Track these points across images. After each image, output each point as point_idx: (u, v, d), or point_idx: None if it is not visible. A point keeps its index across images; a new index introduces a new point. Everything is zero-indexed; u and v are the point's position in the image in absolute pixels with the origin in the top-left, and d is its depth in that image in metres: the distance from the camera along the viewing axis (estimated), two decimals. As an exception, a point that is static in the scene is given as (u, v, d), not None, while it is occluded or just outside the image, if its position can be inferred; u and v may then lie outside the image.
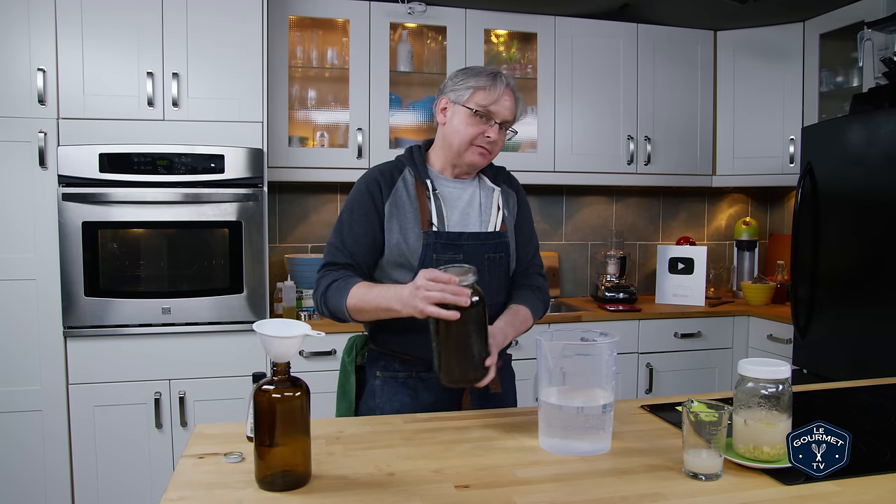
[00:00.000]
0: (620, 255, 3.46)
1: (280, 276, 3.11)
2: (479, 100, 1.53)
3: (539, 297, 1.66)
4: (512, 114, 1.57)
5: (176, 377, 2.57)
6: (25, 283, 2.47)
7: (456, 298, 1.23)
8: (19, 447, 2.48)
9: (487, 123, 1.54)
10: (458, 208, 1.59)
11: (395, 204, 1.55)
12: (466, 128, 1.54)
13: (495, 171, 1.70)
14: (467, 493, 1.03)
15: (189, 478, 1.08)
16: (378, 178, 1.57)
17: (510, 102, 1.55)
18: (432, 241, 1.52)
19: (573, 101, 3.27)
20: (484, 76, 1.55)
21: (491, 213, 1.62)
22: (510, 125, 1.59)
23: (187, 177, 2.56)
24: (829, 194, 2.69)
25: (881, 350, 2.44)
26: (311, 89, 3.14)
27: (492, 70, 1.57)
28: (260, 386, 1.05)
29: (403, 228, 1.54)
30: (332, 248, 1.56)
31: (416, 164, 1.60)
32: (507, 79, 1.57)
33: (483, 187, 1.65)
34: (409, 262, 1.53)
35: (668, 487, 1.04)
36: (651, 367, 3.12)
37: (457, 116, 1.55)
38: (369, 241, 1.54)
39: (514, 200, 1.69)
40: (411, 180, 1.58)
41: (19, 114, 2.44)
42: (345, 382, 1.65)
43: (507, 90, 1.55)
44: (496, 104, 1.53)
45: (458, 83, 1.56)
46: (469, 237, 1.56)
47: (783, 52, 3.31)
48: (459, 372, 1.31)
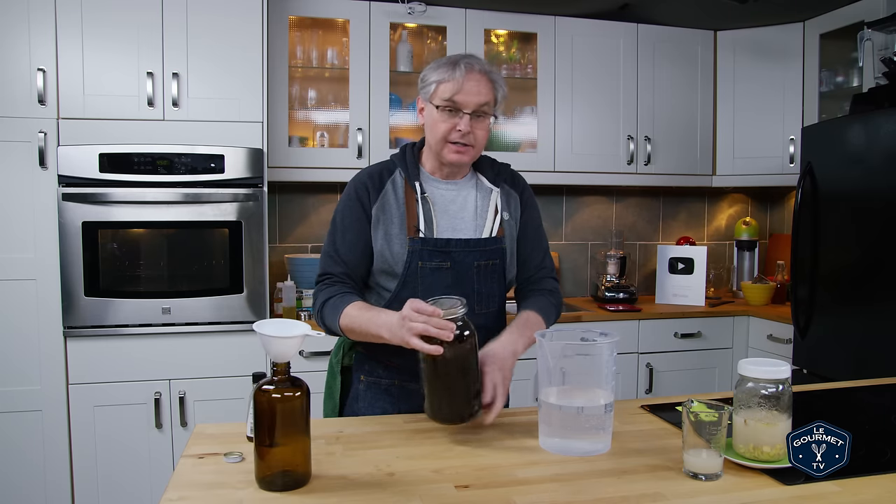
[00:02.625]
0: (620, 255, 3.46)
1: (280, 276, 3.11)
2: (442, 93, 1.44)
3: (551, 301, 1.57)
4: (485, 97, 1.45)
5: (176, 377, 2.57)
6: (25, 283, 2.47)
7: (439, 332, 1.17)
8: (19, 447, 2.48)
9: (457, 116, 1.44)
10: (450, 212, 1.52)
11: (381, 209, 1.50)
12: (437, 125, 1.46)
13: (496, 170, 1.59)
14: (467, 493, 1.03)
15: (189, 478, 1.08)
16: (367, 181, 1.52)
17: (478, 86, 1.44)
18: (418, 247, 1.46)
19: (573, 101, 3.27)
20: (443, 67, 1.45)
21: (487, 216, 1.53)
22: (488, 112, 1.47)
23: (187, 177, 2.56)
24: (829, 194, 2.69)
25: (881, 350, 2.44)
26: (311, 89, 3.13)
27: (454, 58, 1.47)
28: (260, 386, 1.05)
29: (388, 234, 1.48)
30: (326, 258, 1.53)
31: (407, 164, 1.53)
32: (471, 62, 1.45)
33: (480, 188, 1.56)
34: (394, 270, 1.48)
35: (668, 487, 1.04)
36: (651, 367, 3.12)
37: (429, 115, 1.48)
38: (362, 246, 1.50)
39: (516, 202, 1.59)
40: (401, 182, 1.52)
41: (19, 114, 2.44)
42: (331, 383, 1.62)
43: (470, 74, 1.44)
44: (460, 93, 1.43)
45: (424, 79, 1.49)
46: (458, 244, 1.48)
47: (783, 52, 3.31)
48: (447, 408, 1.25)
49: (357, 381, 1.58)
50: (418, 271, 1.46)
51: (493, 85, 1.47)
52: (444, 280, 1.46)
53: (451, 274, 1.47)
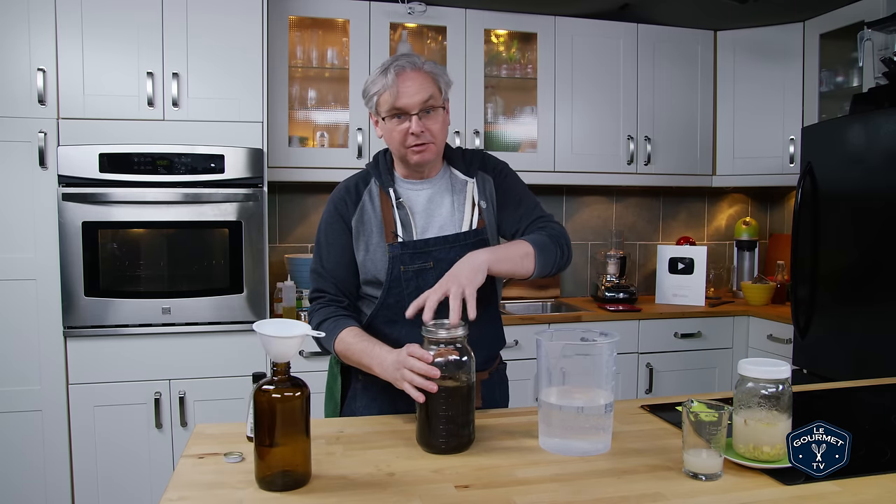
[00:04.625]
0: (620, 255, 3.46)
1: (280, 276, 3.11)
2: (384, 104, 1.44)
3: (546, 234, 1.47)
4: (426, 92, 1.43)
5: (176, 377, 2.57)
6: (25, 283, 2.47)
7: (425, 384, 1.18)
8: (19, 447, 2.48)
9: (406, 120, 1.43)
10: (427, 212, 1.52)
11: (360, 221, 1.51)
12: (391, 134, 1.46)
13: (467, 159, 1.57)
14: (467, 493, 1.03)
15: (189, 478, 1.08)
16: (345, 196, 1.53)
17: (415, 85, 1.42)
18: (398, 252, 1.46)
19: (573, 101, 3.27)
20: (377, 78, 1.44)
21: (465, 209, 1.52)
22: (435, 105, 1.44)
23: (187, 177, 2.56)
24: (829, 194, 2.69)
25: (881, 350, 2.44)
26: (311, 89, 3.13)
27: (385, 64, 1.45)
28: (260, 386, 1.05)
29: (368, 245, 1.49)
30: (315, 276, 1.54)
31: (381, 172, 1.54)
32: (401, 63, 1.43)
33: (455, 182, 1.55)
34: (378, 279, 1.48)
35: (668, 487, 1.04)
36: (651, 367, 3.12)
37: (382, 126, 1.48)
38: (347, 261, 1.51)
39: (491, 185, 1.56)
40: (376, 191, 1.52)
41: (19, 114, 2.44)
42: (332, 384, 1.63)
43: (402, 76, 1.42)
44: (400, 98, 1.41)
45: (366, 94, 1.48)
46: (437, 242, 1.47)
47: (783, 52, 3.31)
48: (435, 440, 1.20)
49: (355, 381, 1.59)
50: (401, 276, 1.46)
51: (432, 76, 1.45)
52: (429, 281, 1.44)
53: (434, 273, 1.45)
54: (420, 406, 1.21)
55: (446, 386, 1.19)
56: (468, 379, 1.22)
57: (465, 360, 1.21)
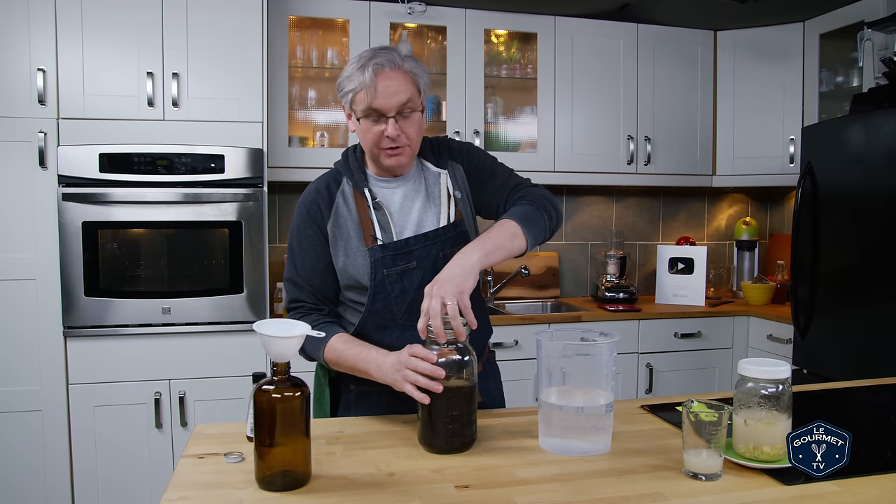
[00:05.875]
0: (620, 255, 3.46)
1: (280, 276, 3.10)
2: (359, 103, 1.36)
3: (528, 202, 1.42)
4: (405, 94, 1.35)
5: (176, 377, 2.57)
6: (25, 283, 2.47)
7: (431, 384, 1.16)
8: (19, 447, 2.48)
9: (382, 122, 1.36)
10: (403, 209, 1.46)
11: (336, 225, 1.44)
12: (364, 134, 1.39)
13: (436, 150, 1.51)
14: (467, 493, 1.03)
15: (189, 478, 1.08)
16: (316, 199, 1.46)
17: (394, 85, 1.34)
18: (379, 255, 1.40)
19: (573, 101, 3.27)
20: (355, 72, 1.35)
21: (441, 203, 1.46)
22: (414, 108, 1.37)
23: (187, 177, 2.56)
24: (829, 194, 2.69)
25: (881, 350, 2.44)
26: (311, 89, 3.14)
27: (363, 59, 1.35)
28: (260, 386, 1.05)
29: (348, 250, 1.43)
30: (290, 285, 1.47)
31: (352, 171, 1.46)
32: (380, 60, 1.34)
33: (428, 175, 1.50)
34: (361, 283, 1.43)
35: (668, 487, 1.04)
36: (651, 367, 3.12)
37: (355, 123, 1.41)
38: (323, 267, 1.45)
39: (461, 172, 1.50)
40: (350, 192, 1.45)
41: (19, 114, 2.44)
42: (320, 395, 1.56)
43: (381, 75, 1.33)
44: (377, 99, 1.33)
45: (341, 88, 1.39)
46: (417, 240, 1.42)
47: (783, 52, 3.31)
48: (439, 440, 1.20)
49: (346, 391, 1.53)
50: (385, 280, 1.41)
51: (411, 76, 1.38)
52: (414, 281, 1.42)
53: (419, 273, 1.42)
54: (423, 407, 1.20)
55: (450, 386, 1.19)
56: (471, 378, 1.21)
57: (467, 360, 1.21)
